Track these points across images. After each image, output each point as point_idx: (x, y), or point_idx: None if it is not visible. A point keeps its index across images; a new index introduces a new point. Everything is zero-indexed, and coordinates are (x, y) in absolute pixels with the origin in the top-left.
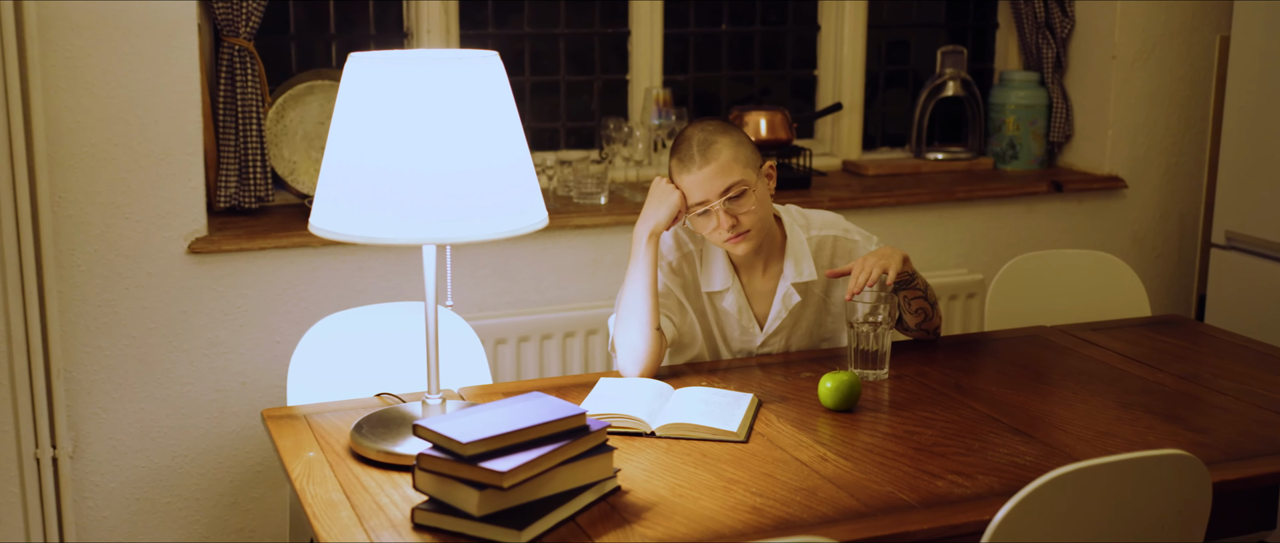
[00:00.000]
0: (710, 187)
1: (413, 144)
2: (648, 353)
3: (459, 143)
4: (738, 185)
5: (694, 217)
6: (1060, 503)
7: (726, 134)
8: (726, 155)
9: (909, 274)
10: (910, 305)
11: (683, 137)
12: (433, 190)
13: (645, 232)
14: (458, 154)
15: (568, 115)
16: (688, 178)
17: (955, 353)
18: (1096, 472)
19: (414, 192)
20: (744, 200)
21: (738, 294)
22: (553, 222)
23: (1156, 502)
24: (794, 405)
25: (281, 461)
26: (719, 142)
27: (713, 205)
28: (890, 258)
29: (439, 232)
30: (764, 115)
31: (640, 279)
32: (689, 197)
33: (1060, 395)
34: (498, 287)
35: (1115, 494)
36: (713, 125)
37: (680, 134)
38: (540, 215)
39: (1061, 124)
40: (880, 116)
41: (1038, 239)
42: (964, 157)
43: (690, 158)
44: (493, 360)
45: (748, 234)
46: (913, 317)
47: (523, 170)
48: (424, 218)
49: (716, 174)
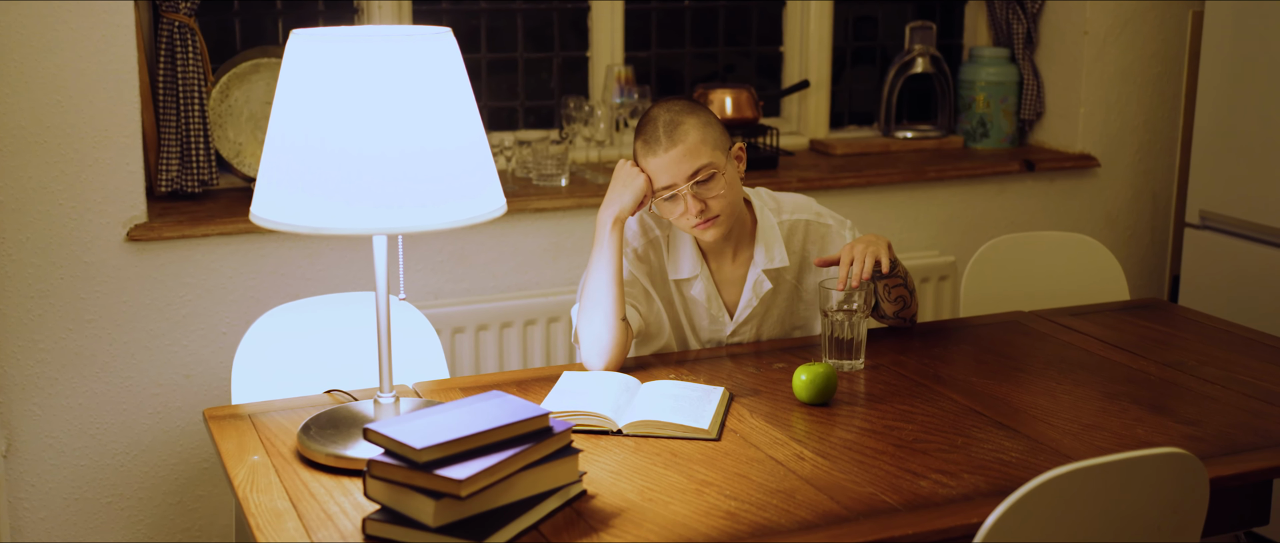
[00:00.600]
0: (677, 170)
1: (360, 127)
2: (613, 345)
3: (410, 125)
4: (706, 168)
5: (660, 201)
6: (1054, 505)
7: (694, 114)
8: (694, 137)
9: (891, 262)
10: (889, 293)
11: (648, 117)
12: (382, 176)
13: (609, 218)
14: (409, 137)
15: (526, 94)
16: (653, 161)
17: (932, 341)
18: (1091, 473)
19: (362, 178)
20: (713, 184)
21: (707, 282)
22: (511, 205)
23: (1152, 501)
24: (767, 399)
25: (223, 465)
26: (686, 123)
27: (680, 190)
28: (879, 246)
29: (389, 220)
30: (729, 93)
31: (604, 267)
32: (655, 180)
33: (1042, 385)
34: (454, 273)
35: (1110, 494)
36: (679, 105)
37: (645, 115)
38: (498, 202)
39: (1032, 101)
40: (847, 94)
41: (1009, 219)
42: (933, 135)
43: (656, 140)
44: (450, 351)
45: (717, 220)
46: (891, 305)
47: (479, 154)
48: (374, 206)
49: (683, 157)
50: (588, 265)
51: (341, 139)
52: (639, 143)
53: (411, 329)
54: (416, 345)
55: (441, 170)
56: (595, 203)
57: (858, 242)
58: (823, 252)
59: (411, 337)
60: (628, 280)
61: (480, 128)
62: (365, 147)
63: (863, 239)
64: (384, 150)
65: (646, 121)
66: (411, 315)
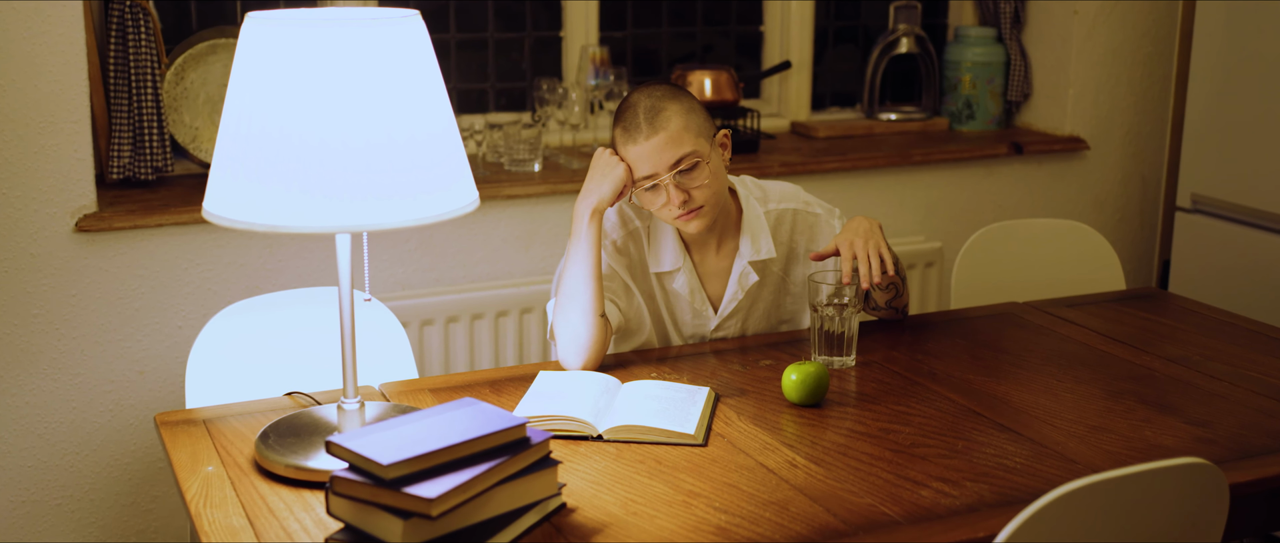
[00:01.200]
0: (658, 159)
1: (321, 116)
2: (591, 342)
3: (375, 114)
4: (689, 157)
5: (641, 192)
6: (1068, 520)
7: (676, 100)
8: (676, 124)
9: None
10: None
11: (627, 104)
12: (345, 169)
13: (587, 209)
14: (373, 127)
15: (497, 75)
16: (634, 149)
17: (924, 334)
18: (1109, 486)
19: (323, 170)
20: (696, 173)
21: (689, 274)
22: (482, 192)
23: (1170, 512)
24: (755, 400)
25: (175, 477)
26: (668, 109)
27: (662, 180)
28: (878, 238)
29: (353, 217)
30: (709, 74)
31: (582, 261)
32: (635, 169)
33: (1043, 382)
34: (422, 263)
35: (1128, 508)
36: (660, 90)
37: (625, 101)
38: (469, 197)
39: (1020, 82)
40: (829, 75)
41: (996, 204)
42: (918, 117)
43: (636, 127)
44: (418, 345)
45: (701, 210)
46: (882, 293)
47: (449, 145)
48: (336, 201)
49: (665, 145)
50: (564, 258)
51: (301, 128)
52: (618, 130)
53: (377, 325)
54: (383, 342)
55: (409, 162)
56: (570, 190)
57: (855, 235)
58: (812, 243)
59: (377, 333)
60: (606, 274)
61: (450, 117)
62: (327, 136)
63: (858, 230)
64: (347, 140)
65: (626, 108)
66: (377, 311)
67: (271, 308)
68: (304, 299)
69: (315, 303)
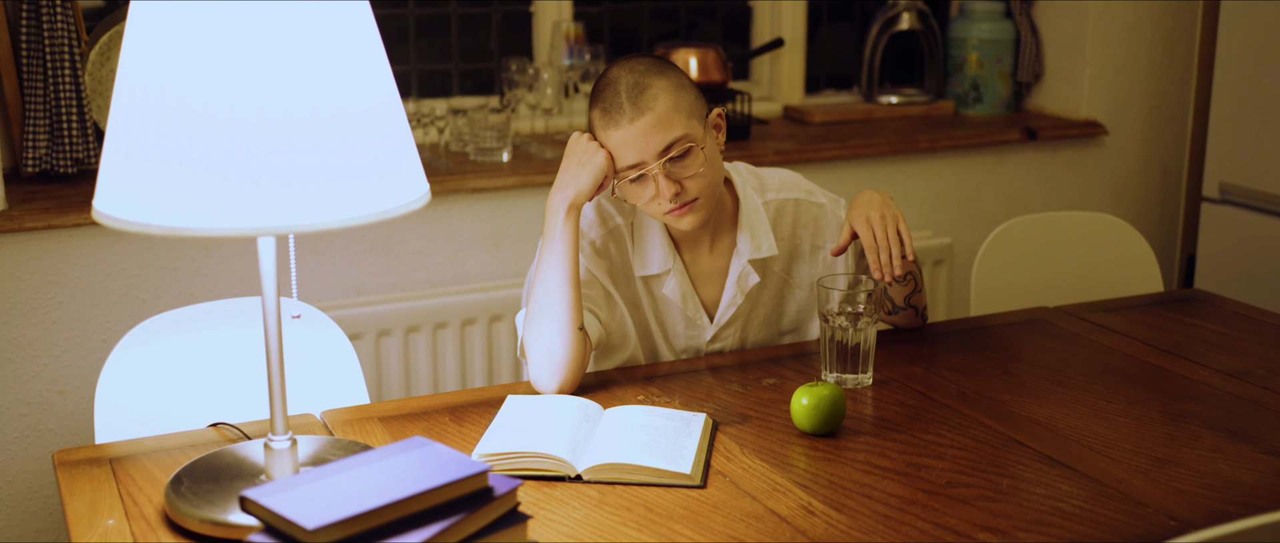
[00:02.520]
0: (645, 145)
1: (229, 80)
2: (568, 361)
3: (297, 80)
4: (681, 142)
5: (625, 183)
6: None
7: (663, 76)
8: (664, 103)
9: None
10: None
11: (606, 81)
12: (264, 149)
13: (563, 204)
14: (296, 95)
15: (461, 55)
16: (616, 134)
17: (945, 346)
18: None
19: (237, 151)
20: (689, 160)
21: (681, 277)
22: (445, 184)
23: None
24: (759, 427)
25: (68, 531)
26: (654, 86)
27: (649, 169)
28: (888, 205)
29: (272, 213)
30: (694, 53)
31: (558, 265)
32: (618, 157)
33: (1090, 404)
34: (379, 264)
35: None
36: (644, 65)
37: (602, 78)
38: (417, 189)
39: (1031, 61)
40: (823, 54)
41: (1008, 194)
42: (921, 100)
43: (617, 108)
44: (374, 359)
45: (695, 204)
46: (901, 287)
47: (391, 121)
48: (253, 192)
49: (653, 128)
50: (535, 262)
51: (205, 97)
52: (596, 112)
53: (323, 340)
54: (329, 360)
55: (342, 141)
56: (543, 182)
57: (870, 210)
58: (817, 237)
59: (323, 349)
60: (585, 280)
61: (392, 87)
62: (237, 106)
63: (873, 203)
64: (263, 111)
65: (605, 86)
66: (322, 324)
67: (200, 321)
68: (239, 311)
69: (251, 314)
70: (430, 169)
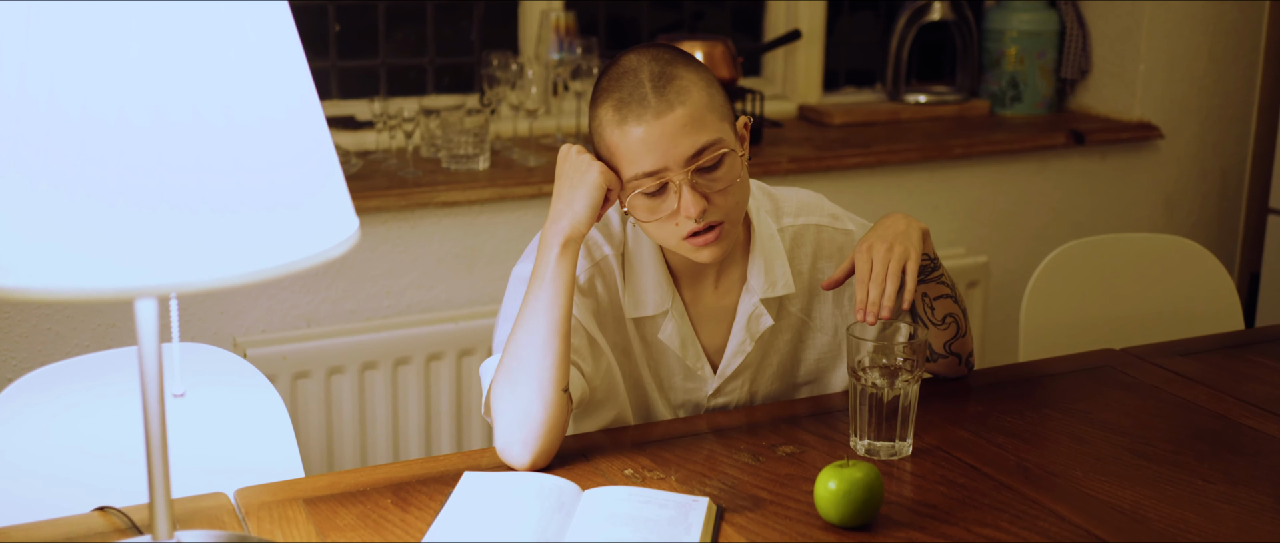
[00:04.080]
0: (672, 147)
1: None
2: (545, 429)
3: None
4: (714, 147)
5: (637, 198)
6: None
7: (691, 69)
8: (698, 98)
9: (930, 259)
10: (934, 311)
11: (621, 69)
12: (133, 169)
13: (557, 239)
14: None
15: (438, 48)
16: (637, 132)
17: (998, 401)
18: None
19: (98, 172)
20: (722, 170)
21: (680, 320)
22: (411, 197)
23: None
24: (775, 515)
25: None
26: (684, 77)
27: (675, 179)
28: (906, 238)
29: (144, 270)
30: (700, 48)
31: (546, 312)
32: (632, 163)
33: (1184, 483)
34: (331, 291)
35: None
36: (668, 54)
37: (613, 67)
38: (345, 228)
39: (1077, 56)
40: (844, 48)
41: (1051, 205)
42: (952, 99)
43: (640, 100)
44: (323, 400)
45: (722, 230)
46: (939, 331)
47: (310, 134)
48: (119, 241)
49: (684, 127)
50: (516, 304)
51: (53, 94)
52: (607, 107)
53: (244, 392)
54: (255, 410)
55: (240, 161)
56: (524, 194)
57: (877, 240)
58: None
59: (244, 404)
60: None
61: (310, 89)
62: (101, 108)
63: (884, 234)
64: (128, 115)
65: (621, 75)
66: (244, 375)
67: (88, 377)
68: (131, 362)
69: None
70: (396, 179)
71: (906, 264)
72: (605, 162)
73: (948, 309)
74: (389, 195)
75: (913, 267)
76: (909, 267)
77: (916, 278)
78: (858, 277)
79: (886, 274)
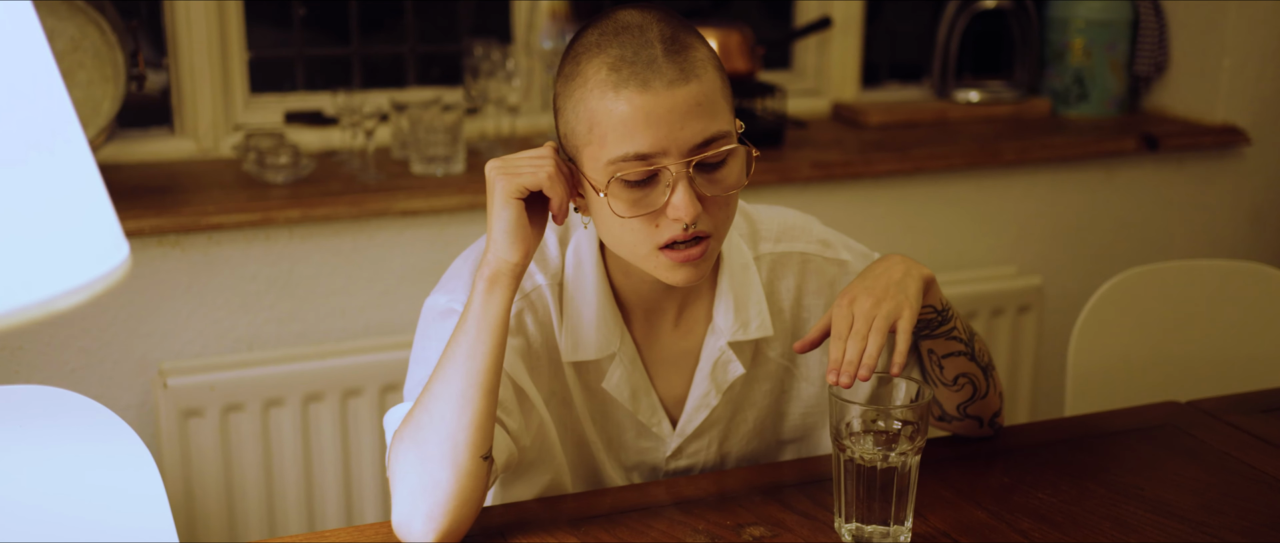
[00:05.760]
0: (680, 126)
1: None
2: (454, 500)
3: None
4: (723, 140)
5: (617, 188)
6: None
7: (702, 42)
8: (713, 78)
9: (937, 311)
10: (943, 370)
11: (619, 24)
12: None
13: (485, 271)
14: None
15: (421, 36)
16: (638, 101)
17: (1030, 469)
18: None
19: None
20: (726, 170)
21: (630, 366)
22: (371, 204)
23: None
24: None
25: None
26: (699, 48)
27: (671, 169)
28: (901, 289)
29: None
30: (713, 35)
31: (465, 362)
32: (625, 141)
33: None
34: (277, 309)
35: None
36: (675, 17)
37: (599, 21)
38: (112, 254)
39: (1152, 50)
40: (888, 38)
41: (1118, 219)
42: (1009, 97)
43: (651, 63)
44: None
45: (707, 246)
46: (951, 392)
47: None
48: None
49: (698, 107)
50: (432, 345)
51: None
52: (598, 65)
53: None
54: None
55: None
56: None
57: (860, 293)
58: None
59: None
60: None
61: (62, 95)
62: None
63: (872, 285)
64: None
65: (621, 30)
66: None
67: None
68: None
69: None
70: (353, 184)
71: (897, 322)
72: (569, 143)
73: (961, 369)
74: (340, 202)
75: (906, 324)
76: (901, 324)
77: (910, 336)
78: (834, 333)
79: (869, 330)
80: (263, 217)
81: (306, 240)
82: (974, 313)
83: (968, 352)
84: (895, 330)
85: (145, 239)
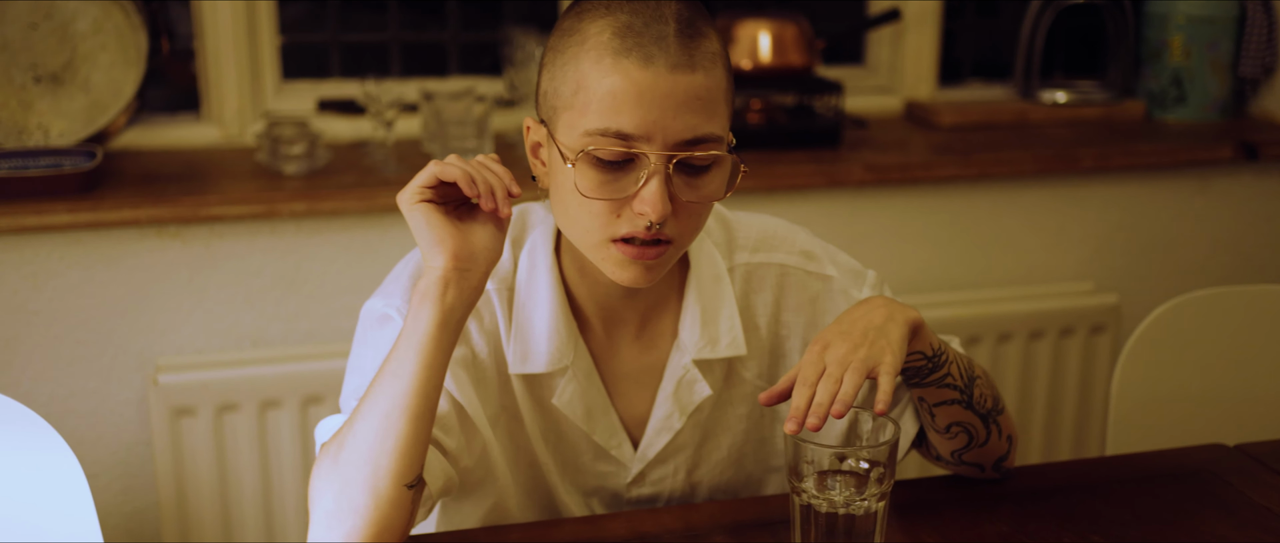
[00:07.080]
0: (674, 117)
1: None
2: (372, 528)
3: None
4: (713, 144)
5: (587, 163)
6: None
7: (717, 38)
8: (721, 78)
9: (927, 358)
10: (934, 417)
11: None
12: None
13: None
14: None
15: (467, 23)
16: (636, 75)
17: (1034, 516)
18: None
19: None
20: (706, 178)
21: (586, 380)
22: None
23: None
24: None
25: None
26: (713, 41)
27: (651, 158)
28: (882, 335)
29: None
30: (768, 27)
31: (391, 381)
32: (610, 115)
33: None
34: (284, 306)
35: None
36: (693, 3)
37: None
38: None
39: (1259, 49)
40: (970, 34)
41: (1209, 235)
42: (1099, 99)
43: (660, 39)
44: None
45: (666, 251)
46: (945, 440)
47: None
48: None
49: (697, 100)
50: (369, 353)
51: None
52: (602, 26)
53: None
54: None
55: None
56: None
57: (834, 339)
58: (812, 329)
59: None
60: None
61: None
62: None
63: (848, 331)
64: None
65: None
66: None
67: None
68: None
69: None
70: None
71: (877, 369)
72: (547, 102)
73: (955, 417)
74: (350, 196)
75: (887, 374)
76: (881, 375)
77: (892, 388)
78: (800, 379)
79: (842, 376)
80: (267, 209)
81: (314, 235)
82: (1041, 332)
83: (963, 400)
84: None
85: (143, 229)
